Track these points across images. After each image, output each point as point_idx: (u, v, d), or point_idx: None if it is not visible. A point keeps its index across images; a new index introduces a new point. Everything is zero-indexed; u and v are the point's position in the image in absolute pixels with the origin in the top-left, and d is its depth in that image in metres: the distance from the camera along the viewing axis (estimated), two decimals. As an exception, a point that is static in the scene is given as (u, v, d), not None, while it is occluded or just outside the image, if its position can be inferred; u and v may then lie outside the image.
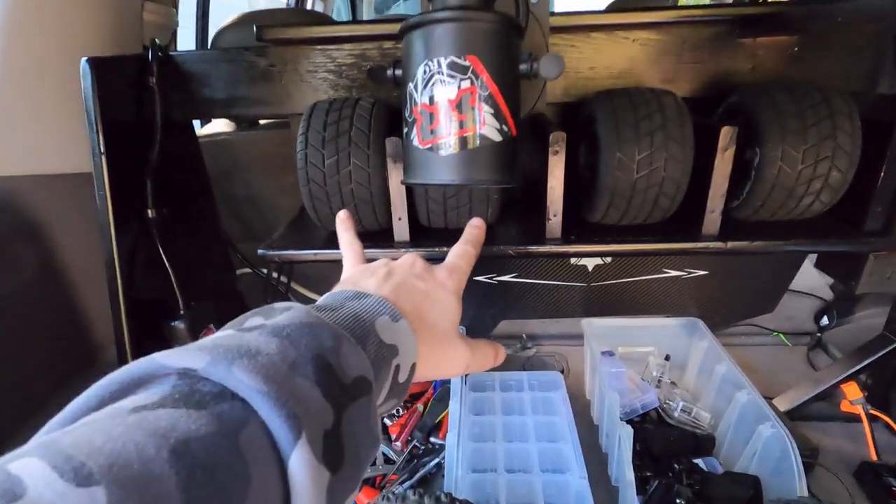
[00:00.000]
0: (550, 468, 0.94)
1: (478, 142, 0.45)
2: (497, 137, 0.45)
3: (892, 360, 1.04)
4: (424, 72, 0.44)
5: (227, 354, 0.24)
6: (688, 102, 0.76)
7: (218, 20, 1.68)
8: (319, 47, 0.84)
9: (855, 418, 1.05)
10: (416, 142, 0.47)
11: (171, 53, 0.87)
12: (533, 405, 1.09)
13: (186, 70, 0.87)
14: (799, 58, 0.80)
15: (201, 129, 1.22)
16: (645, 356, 1.16)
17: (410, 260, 0.44)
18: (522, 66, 0.47)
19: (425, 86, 0.44)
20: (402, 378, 0.34)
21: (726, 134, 0.70)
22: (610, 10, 0.80)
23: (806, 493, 0.75)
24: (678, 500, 0.80)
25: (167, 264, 0.83)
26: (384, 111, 0.75)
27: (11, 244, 0.85)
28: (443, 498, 0.67)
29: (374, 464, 0.99)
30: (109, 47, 0.90)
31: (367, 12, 2.75)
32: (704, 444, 0.96)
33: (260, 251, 0.80)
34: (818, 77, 0.79)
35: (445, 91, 0.43)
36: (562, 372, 1.26)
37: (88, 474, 0.18)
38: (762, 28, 0.79)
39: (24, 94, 0.84)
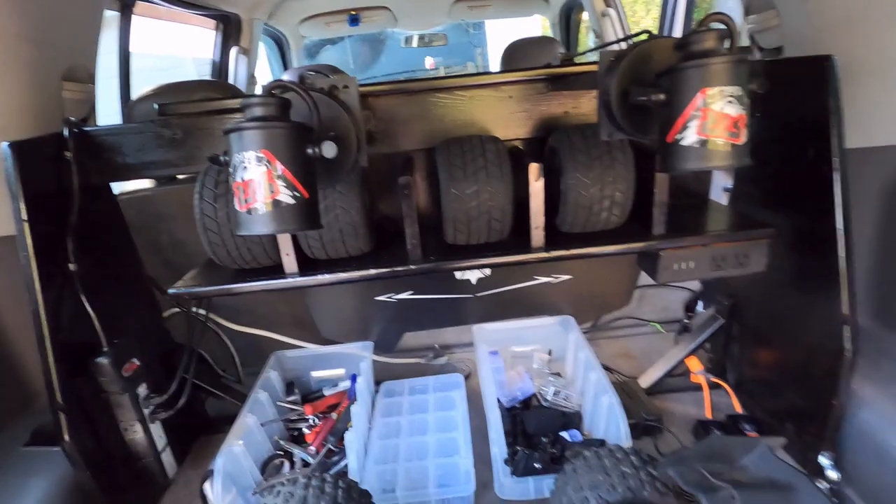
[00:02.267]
0: (443, 454, 1.10)
1: (279, 205, 0.63)
2: (291, 201, 0.64)
3: (722, 336, 1.27)
4: (239, 160, 0.62)
5: None
6: (526, 143, 0.96)
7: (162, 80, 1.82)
8: (217, 117, 1.01)
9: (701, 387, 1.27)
10: (237, 206, 0.65)
11: (87, 129, 1.01)
12: (435, 404, 1.26)
13: (102, 142, 1.02)
14: (592, 104, 1.03)
15: (125, 185, 1.35)
16: (532, 353, 1.36)
17: None
18: (309, 151, 0.66)
19: (240, 169, 0.62)
20: None
21: (534, 169, 0.90)
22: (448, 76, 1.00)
23: (629, 445, 0.94)
24: (536, 465, 0.98)
25: (89, 310, 0.96)
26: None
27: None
28: (328, 479, 0.82)
29: (292, 467, 1.12)
30: (31, 125, 1.04)
31: (296, 60, 2.94)
32: (572, 419, 1.15)
33: (170, 291, 0.95)
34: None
35: (252, 173, 0.62)
36: (467, 376, 1.43)
37: None
38: (565, 84, 1.01)
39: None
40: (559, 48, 2.27)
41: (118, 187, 1.22)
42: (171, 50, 2.23)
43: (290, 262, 0.94)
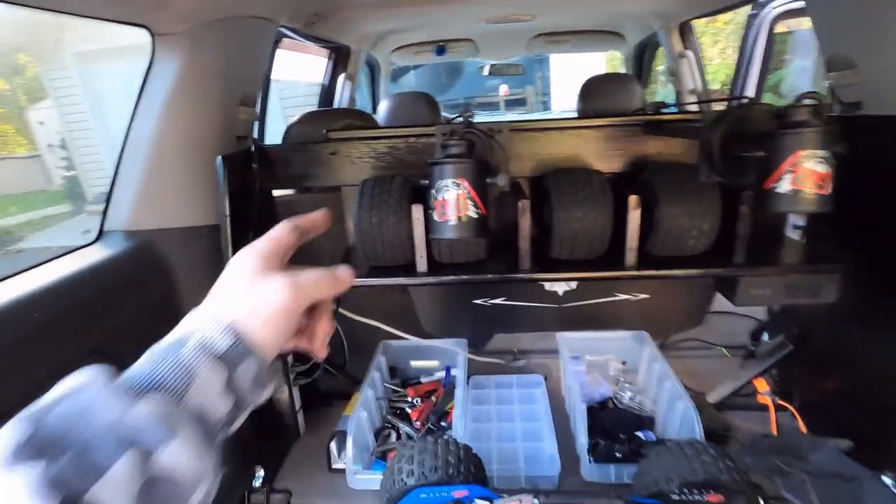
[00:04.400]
0: (531, 439, 1.27)
1: (465, 218, 0.84)
2: (475, 216, 0.85)
3: (790, 361, 1.37)
4: (442, 184, 0.84)
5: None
6: (618, 175, 1.14)
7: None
8: (366, 141, 1.25)
9: (767, 407, 1.37)
10: (435, 217, 0.86)
11: (265, 147, 1.28)
12: (519, 397, 1.43)
13: (274, 157, 1.28)
14: (686, 147, 1.20)
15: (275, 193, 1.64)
16: (607, 362, 1.51)
17: (234, 265, 0.41)
18: (489, 180, 0.87)
19: (440, 190, 0.84)
20: (245, 399, 0.37)
21: (633, 201, 1.08)
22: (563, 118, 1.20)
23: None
24: (616, 454, 1.14)
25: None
26: (409, 186, 1.14)
27: (148, 276, 1.24)
28: (449, 439, 1.01)
29: (399, 438, 1.32)
30: (218, 139, 1.32)
31: (384, 86, 3.25)
32: (645, 421, 1.29)
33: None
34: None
35: (449, 194, 0.83)
36: (545, 378, 1.59)
37: None
38: (662, 129, 1.19)
39: (165, 172, 1.25)
40: (637, 86, 2.43)
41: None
42: (288, 75, 2.56)
43: (422, 262, 1.15)
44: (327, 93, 2.56)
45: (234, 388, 0.35)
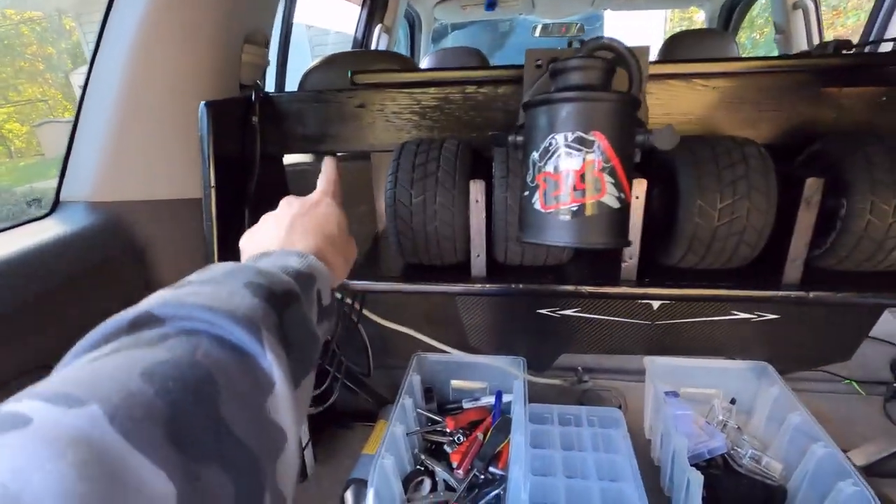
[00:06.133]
0: (614, 508, 0.93)
1: (597, 209, 0.48)
2: (616, 205, 0.49)
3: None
4: (550, 144, 0.48)
5: (172, 299, 0.29)
6: (767, 149, 0.77)
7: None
8: (406, 90, 0.90)
9: (941, 479, 0.99)
10: (537, 205, 0.51)
11: (271, 94, 0.95)
12: (593, 441, 1.09)
13: (283, 109, 0.95)
14: (886, 108, 0.80)
15: (285, 159, 1.31)
16: (709, 398, 1.14)
17: (286, 206, 0.51)
18: (639, 138, 0.50)
19: (550, 156, 0.48)
20: (325, 301, 0.41)
21: (812, 186, 0.70)
22: (687, 60, 0.81)
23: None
24: (752, 554, 0.79)
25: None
26: (468, 153, 0.79)
27: (120, 260, 0.94)
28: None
29: (434, 489, 1.01)
30: (214, 87, 0.99)
31: (424, 44, 2.86)
32: (776, 495, 0.93)
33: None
34: (906, 128, 0.78)
35: (571, 162, 0.47)
36: (619, 408, 1.25)
37: (78, 399, 0.21)
38: (847, 79, 0.79)
39: (141, 130, 0.94)
40: (734, 45, 1.98)
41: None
42: (316, 21, 2.21)
43: (479, 263, 0.81)
44: (361, 47, 2.20)
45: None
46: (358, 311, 1.07)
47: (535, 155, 0.50)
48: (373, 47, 2.17)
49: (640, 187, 0.71)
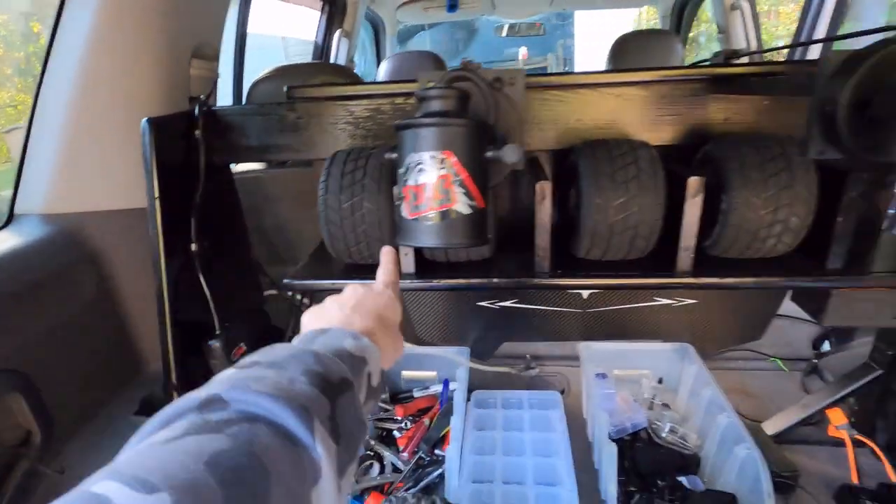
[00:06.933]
0: (544, 481, 1.02)
1: (452, 215, 0.56)
2: (467, 211, 0.57)
3: (877, 388, 1.09)
4: (412, 161, 0.56)
5: (240, 383, 0.33)
6: (667, 149, 0.85)
7: (254, 61, 1.85)
8: (341, 103, 0.96)
9: (841, 443, 1.10)
10: (405, 213, 0.59)
11: (214, 108, 1.01)
12: (532, 422, 1.17)
13: (227, 122, 1.01)
14: (768, 111, 0.89)
15: (236, 167, 1.36)
16: (639, 379, 1.24)
17: (351, 290, 0.54)
18: (488, 154, 0.58)
19: (412, 171, 0.56)
20: (374, 382, 0.44)
21: (694, 184, 0.79)
22: (597, 71, 0.90)
23: (774, 510, 0.82)
24: (657, 513, 0.88)
25: (207, 292, 0.95)
26: (390, 161, 0.87)
27: (76, 270, 1.00)
28: (437, 502, 0.76)
29: (382, 472, 1.08)
30: (162, 101, 1.05)
31: (389, 47, 2.92)
32: (690, 463, 1.02)
33: (285, 281, 0.92)
34: (785, 129, 0.87)
35: (427, 176, 0.55)
36: (562, 392, 1.33)
37: (153, 485, 0.24)
38: (735, 86, 0.88)
39: (93, 143, 0.99)
40: (678, 44, 2.08)
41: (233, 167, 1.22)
42: (267, 29, 2.25)
43: (408, 262, 0.88)
44: (321, 52, 2.25)
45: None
46: (308, 305, 1.14)
47: (401, 170, 0.58)
48: (333, 52, 2.23)
49: (545, 189, 0.80)
